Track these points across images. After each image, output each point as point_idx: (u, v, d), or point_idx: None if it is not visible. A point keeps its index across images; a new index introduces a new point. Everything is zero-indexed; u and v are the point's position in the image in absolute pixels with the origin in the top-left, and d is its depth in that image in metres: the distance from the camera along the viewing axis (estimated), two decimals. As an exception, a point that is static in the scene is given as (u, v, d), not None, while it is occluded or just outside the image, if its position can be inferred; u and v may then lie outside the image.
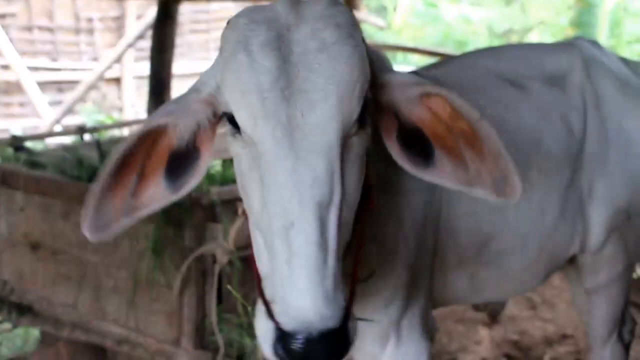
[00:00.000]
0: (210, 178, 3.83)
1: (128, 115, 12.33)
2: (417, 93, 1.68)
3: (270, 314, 1.44)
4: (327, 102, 1.51)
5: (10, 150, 4.15)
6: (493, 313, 3.76)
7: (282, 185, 1.47)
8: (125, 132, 6.64)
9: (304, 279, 1.39)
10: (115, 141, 4.72)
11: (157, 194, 1.78)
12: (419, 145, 1.71)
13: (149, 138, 1.75)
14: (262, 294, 1.53)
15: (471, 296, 2.74)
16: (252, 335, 3.20)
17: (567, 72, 2.87)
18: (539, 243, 2.72)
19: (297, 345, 1.37)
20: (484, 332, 4.93)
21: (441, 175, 1.70)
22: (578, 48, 2.98)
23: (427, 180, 1.72)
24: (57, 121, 10.42)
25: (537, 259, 2.75)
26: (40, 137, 5.98)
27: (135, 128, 7.23)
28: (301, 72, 1.51)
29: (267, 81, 1.51)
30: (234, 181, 1.69)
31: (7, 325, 4.03)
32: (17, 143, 4.25)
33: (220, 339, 3.32)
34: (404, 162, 1.71)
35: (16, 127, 10.53)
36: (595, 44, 3.14)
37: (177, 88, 11.41)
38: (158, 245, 3.29)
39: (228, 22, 1.66)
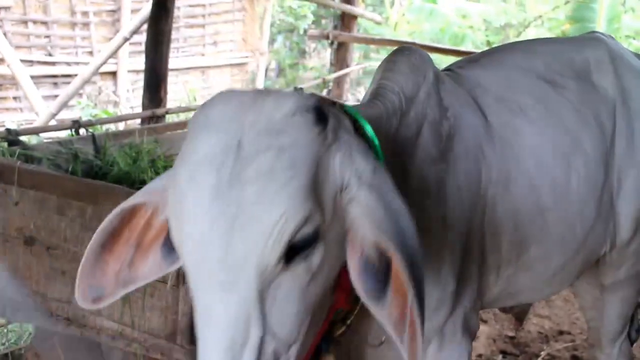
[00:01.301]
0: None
1: (124, 110, 12.29)
2: (370, 239, 1.54)
3: None
4: (243, 243, 1.43)
5: (4, 144, 4.12)
6: (519, 315, 3.72)
7: (199, 318, 1.47)
8: (121, 126, 6.61)
9: None
10: (111, 135, 4.69)
11: (155, 265, 1.78)
12: (377, 275, 1.56)
13: (142, 211, 1.74)
14: None
15: (506, 300, 2.71)
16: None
17: (596, 68, 2.82)
18: (577, 246, 2.68)
19: None
20: (480, 328, 4.92)
21: (386, 317, 1.56)
22: (604, 42, 2.93)
23: (371, 312, 1.57)
24: (52, 115, 10.37)
25: (573, 262, 2.71)
26: (35, 131, 5.94)
27: (131, 122, 7.20)
28: (231, 205, 1.43)
29: (196, 210, 1.44)
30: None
31: (1, 321, 4.01)
32: (11, 137, 4.22)
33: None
34: (359, 287, 1.57)
35: (10, 122, 10.48)
36: (612, 38, 3.09)
37: (173, 82, 11.37)
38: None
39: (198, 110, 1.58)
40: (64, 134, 5.44)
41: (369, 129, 1.80)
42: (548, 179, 2.52)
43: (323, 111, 1.55)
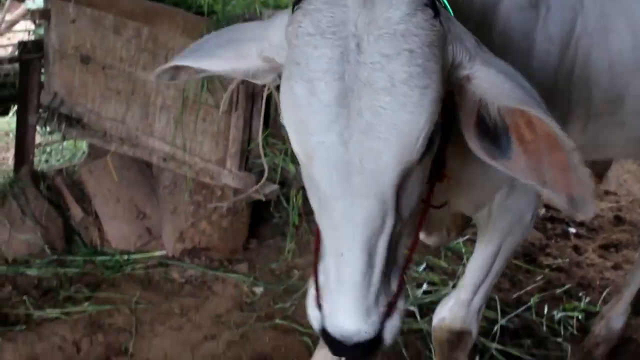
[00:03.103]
0: (264, 2, 3.74)
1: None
2: (512, 106, 1.52)
3: (318, 301, 1.59)
4: (387, 152, 1.42)
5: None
6: (599, 172, 3.70)
7: (334, 220, 1.49)
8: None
9: (348, 302, 1.50)
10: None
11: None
12: (495, 133, 1.58)
13: None
14: (316, 274, 1.61)
15: (592, 152, 2.65)
16: (296, 162, 3.22)
17: None
18: None
19: (337, 345, 1.55)
20: (525, 181, 4.91)
21: (514, 169, 1.58)
22: None
23: (500, 169, 1.59)
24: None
25: None
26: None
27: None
28: (364, 112, 1.40)
29: (325, 121, 1.41)
30: (287, 5, 1.64)
31: (56, 137, 4.11)
32: (69, -46, 4.16)
33: (264, 162, 3.35)
34: (479, 151, 1.58)
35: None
36: None
37: None
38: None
39: (295, 9, 1.48)
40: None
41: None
42: None
43: (434, 1, 1.49)
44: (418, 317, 3.51)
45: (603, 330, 3.49)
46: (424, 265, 3.97)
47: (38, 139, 4.06)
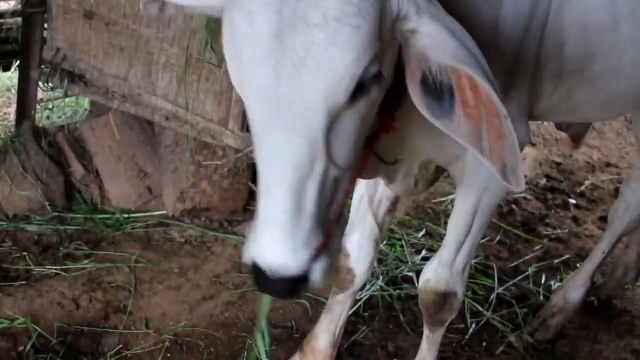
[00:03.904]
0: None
1: None
2: (450, 65, 1.54)
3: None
4: (312, 88, 1.44)
5: None
6: (576, 136, 3.69)
7: (264, 154, 1.52)
8: None
9: (274, 237, 1.54)
10: None
11: None
12: (440, 92, 1.59)
13: None
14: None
15: (562, 114, 2.63)
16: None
17: None
18: None
19: (262, 278, 1.58)
20: (527, 150, 4.91)
21: (456, 130, 1.60)
22: None
23: (441, 129, 1.61)
24: None
25: (637, 86, 2.61)
26: None
27: None
28: (297, 48, 1.42)
29: (260, 53, 1.44)
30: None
31: (58, 93, 4.09)
32: None
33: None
34: (423, 107, 1.60)
35: None
36: None
37: None
38: (212, 23, 3.24)
39: None
40: None
41: None
42: None
43: None
44: (416, 282, 3.53)
45: (560, 300, 3.49)
46: (423, 232, 3.98)
47: (40, 94, 4.04)
